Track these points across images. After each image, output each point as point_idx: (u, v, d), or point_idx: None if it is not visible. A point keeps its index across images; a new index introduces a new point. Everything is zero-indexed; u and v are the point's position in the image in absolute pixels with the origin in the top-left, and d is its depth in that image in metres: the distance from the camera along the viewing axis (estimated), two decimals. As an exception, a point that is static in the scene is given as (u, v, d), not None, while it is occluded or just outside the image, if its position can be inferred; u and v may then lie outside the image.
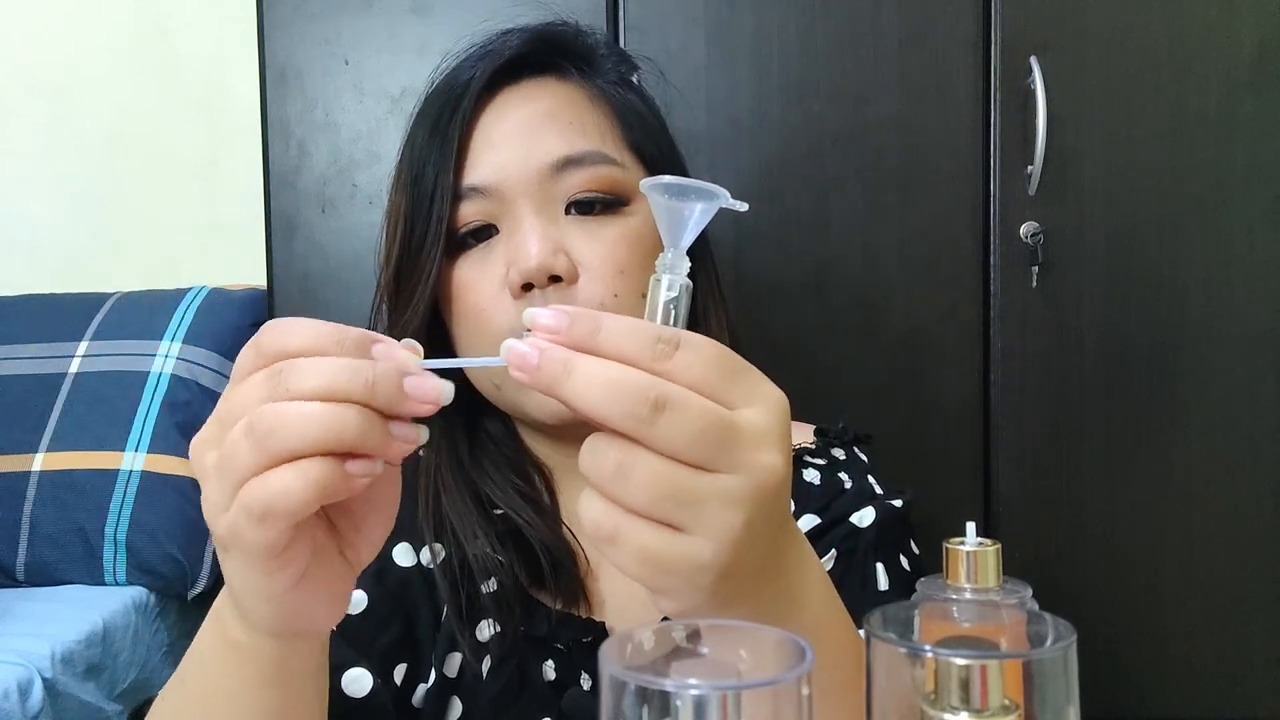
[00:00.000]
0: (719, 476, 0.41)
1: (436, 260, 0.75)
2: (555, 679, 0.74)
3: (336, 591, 0.50)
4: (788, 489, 0.46)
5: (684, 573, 0.42)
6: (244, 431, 0.43)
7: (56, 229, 1.74)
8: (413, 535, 0.77)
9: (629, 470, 0.41)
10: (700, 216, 0.48)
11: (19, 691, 1.04)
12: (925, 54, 1.20)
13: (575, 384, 0.41)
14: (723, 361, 0.43)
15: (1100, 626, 1.21)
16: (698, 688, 0.32)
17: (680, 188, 0.47)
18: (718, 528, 0.41)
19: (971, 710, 0.34)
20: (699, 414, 0.41)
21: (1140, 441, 1.21)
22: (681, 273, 0.48)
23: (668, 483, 0.41)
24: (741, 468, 0.42)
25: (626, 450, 0.41)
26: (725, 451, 0.41)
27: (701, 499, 0.41)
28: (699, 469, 0.41)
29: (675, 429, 0.40)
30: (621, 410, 0.40)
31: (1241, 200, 1.19)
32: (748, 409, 0.43)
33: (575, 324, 0.41)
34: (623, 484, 0.41)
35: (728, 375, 0.43)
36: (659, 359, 0.41)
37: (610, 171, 0.76)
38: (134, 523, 1.34)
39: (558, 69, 0.80)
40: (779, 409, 0.44)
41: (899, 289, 1.22)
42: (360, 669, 0.71)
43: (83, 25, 1.72)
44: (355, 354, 0.43)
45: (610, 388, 0.40)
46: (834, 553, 0.76)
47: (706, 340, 0.43)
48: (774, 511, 0.44)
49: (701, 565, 0.41)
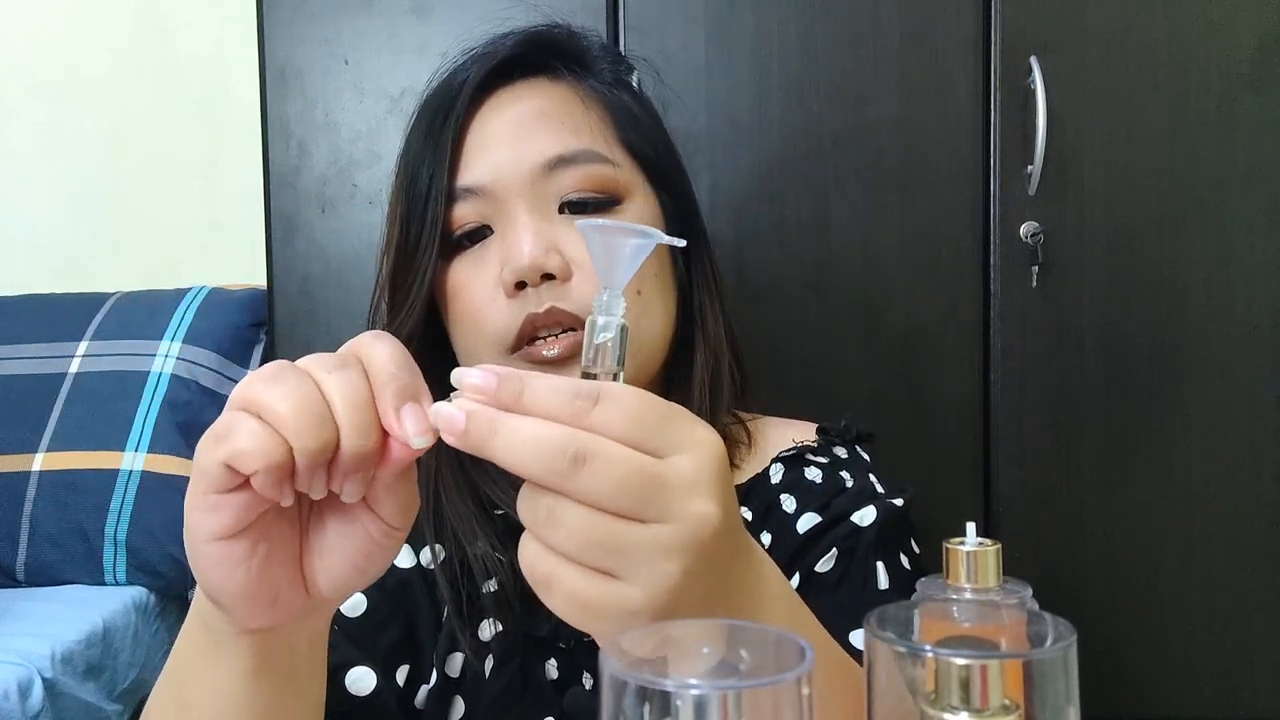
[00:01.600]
0: (650, 526, 0.42)
1: (432, 261, 0.76)
2: (557, 678, 0.74)
3: (287, 577, 0.50)
4: (732, 528, 0.45)
5: (616, 617, 0.42)
6: (241, 397, 0.45)
7: (56, 229, 1.74)
8: (412, 537, 0.77)
9: (558, 518, 0.42)
10: (634, 254, 0.48)
11: (19, 691, 1.04)
12: (925, 54, 1.20)
13: (500, 443, 0.42)
14: (645, 411, 0.43)
15: (1100, 626, 1.21)
16: (698, 688, 0.32)
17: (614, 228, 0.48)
18: (650, 576, 0.42)
19: (971, 710, 0.34)
20: (620, 464, 0.41)
21: (1140, 441, 1.21)
22: (617, 314, 0.48)
23: (596, 531, 0.41)
24: (672, 517, 0.42)
25: (554, 498, 0.42)
26: (652, 500, 0.42)
27: (631, 548, 0.42)
28: (629, 519, 0.42)
29: (596, 481, 0.41)
30: (543, 467, 0.41)
31: (1241, 200, 1.19)
32: (678, 456, 0.43)
33: (502, 385, 0.42)
34: (553, 531, 0.42)
35: (652, 425, 0.43)
36: (579, 415, 0.42)
37: (603, 170, 0.76)
38: (134, 523, 1.34)
39: (551, 70, 0.81)
40: (710, 453, 0.44)
41: (899, 289, 1.22)
42: (364, 668, 0.71)
43: (83, 25, 1.72)
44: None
45: (532, 444, 0.41)
46: (834, 551, 0.76)
47: (629, 391, 0.43)
48: (718, 554, 0.44)
49: (633, 611, 0.42)
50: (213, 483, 0.45)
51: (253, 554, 0.47)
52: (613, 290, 0.49)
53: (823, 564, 0.75)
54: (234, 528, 0.46)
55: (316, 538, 0.50)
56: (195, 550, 0.47)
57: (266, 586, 0.48)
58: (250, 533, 0.47)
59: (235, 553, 0.47)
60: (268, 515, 0.47)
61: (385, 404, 0.45)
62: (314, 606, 0.51)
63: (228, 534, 0.46)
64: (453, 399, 0.44)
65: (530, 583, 0.44)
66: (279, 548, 0.49)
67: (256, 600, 0.48)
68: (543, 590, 0.43)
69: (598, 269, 0.49)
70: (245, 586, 0.47)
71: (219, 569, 0.47)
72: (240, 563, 0.47)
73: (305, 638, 0.54)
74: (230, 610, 0.49)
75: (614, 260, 0.48)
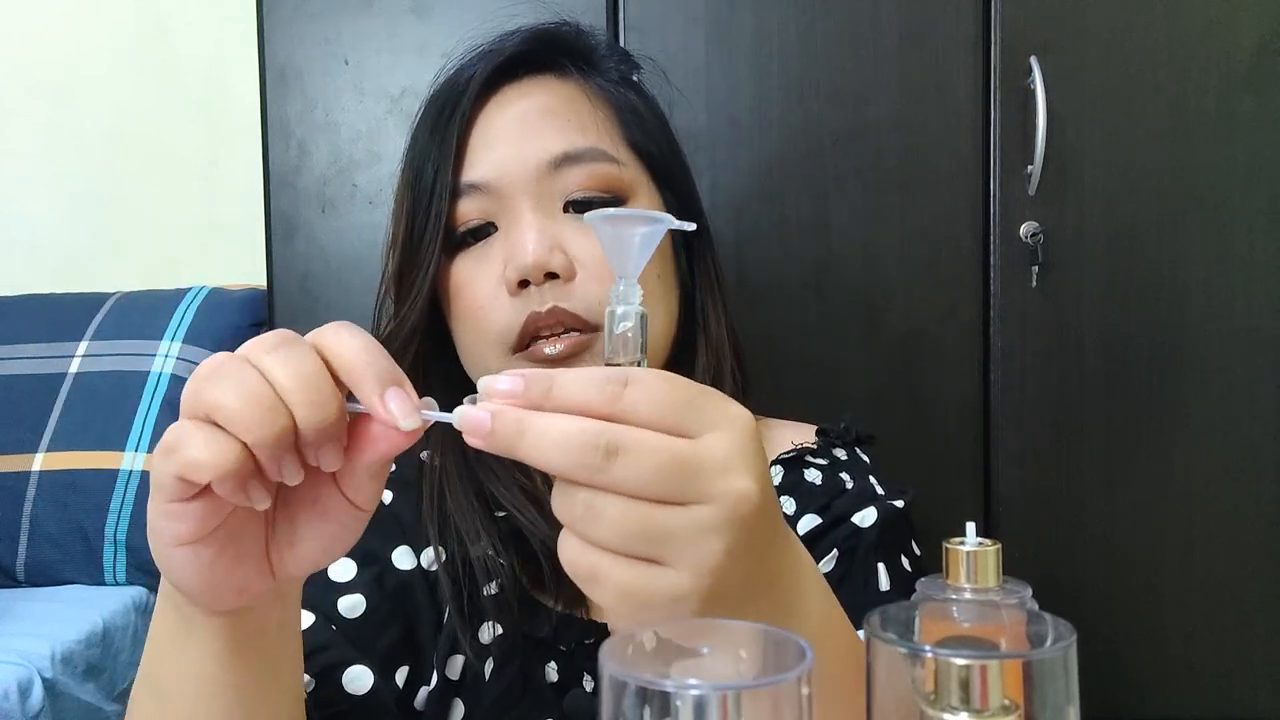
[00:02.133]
0: (689, 509, 0.42)
1: (435, 256, 0.76)
2: (558, 680, 0.74)
3: (251, 565, 0.49)
4: (770, 507, 0.45)
5: (665, 605, 0.42)
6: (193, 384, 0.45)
7: (56, 229, 1.74)
8: (414, 538, 0.77)
9: (597, 511, 0.41)
10: (644, 242, 0.48)
11: (19, 691, 1.04)
12: (925, 54, 1.20)
13: (529, 443, 0.42)
14: (674, 393, 0.43)
15: (1100, 626, 1.21)
16: (698, 688, 0.32)
17: (624, 216, 0.49)
18: (695, 559, 0.42)
19: (971, 710, 0.34)
20: (652, 452, 0.41)
21: (1140, 441, 1.21)
22: (635, 302, 0.48)
23: (636, 521, 0.41)
24: (710, 497, 0.42)
25: (592, 492, 0.41)
26: (689, 483, 0.41)
27: (673, 532, 0.41)
28: (667, 503, 0.41)
29: (631, 470, 0.41)
30: (575, 462, 0.41)
31: (1241, 200, 1.19)
32: (710, 435, 0.43)
33: (530, 386, 0.42)
34: (593, 525, 0.42)
35: (683, 406, 0.43)
36: (611, 401, 0.42)
37: (608, 169, 0.76)
38: (134, 523, 1.34)
39: (557, 67, 0.80)
40: (743, 430, 0.43)
41: (899, 289, 1.22)
42: (361, 666, 0.71)
43: (83, 25, 1.72)
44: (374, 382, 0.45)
45: (562, 442, 0.41)
46: (835, 553, 0.76)
47: (655, 374, 0.43)
48: (758, 533, 0.44)
49: (681, 596, 0.42)
50: (170, 494, 0.45)
51: (219, 555, 0.47)
52: (628, 279, 0.49)
53: (823, 565, 0.75)
54: (199, 533, 0.46)
55: (284, 527, 0.50)
56: (160, 553, 0.47)
57: (234, 579, 0.48)
58: (216, 535, 0.46)
59: (201, 555, 0.46)
60: (235, 514, 0.47)
61: (368, 389, 0.44)
62: (280, 589, 0.51)
63: (192, 539, 0.46)
64: (477, 404, 0.43)
65: (575, 580, 0.43)
66: (246, 544, 0.48)
67: (223, 591, 0.48)
68: (589, 585, 0.43)
69: (610, 260, 0.49)
70: (211, 582, 0.47)
71: (184, 569, 0.47)
72: (206, 564, 0.47)
73: (274, 618, 0.54)
74: (196, 600, 0.49)
75: (625, 250, 0.48)
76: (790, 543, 0.49)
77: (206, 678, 0.52)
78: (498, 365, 0.76)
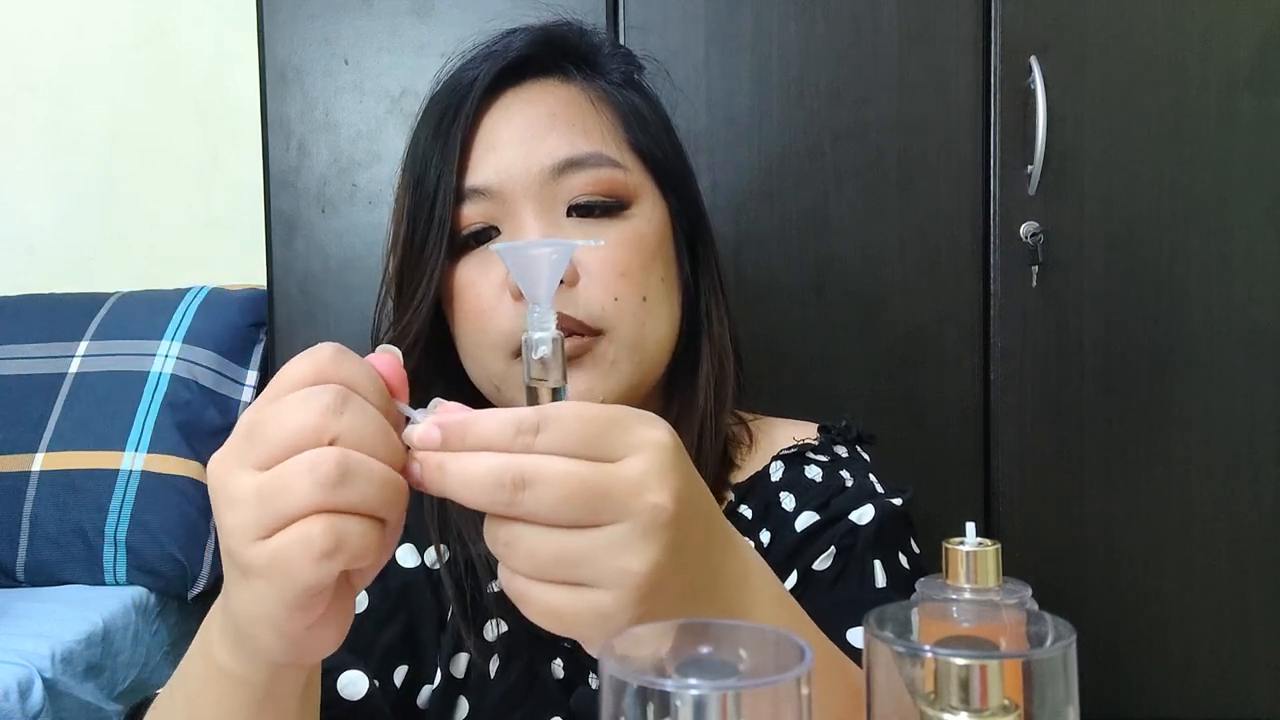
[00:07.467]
0: (603, 529, 0.43)
1: (438, 261, 0.76)
2: (563, 677, 0.74)
3: (343, 623, 0.49)
4: (695, 518, 0.46)
5: (592, 624, 0.43)
6: (307, 468, 0.42)
7: (56, 229, 1.74)
8: (416, 536, 0.77)
9: (514, 543, 0.43)
10: (553, 266, 0.49)
11: (19, 691, 1.04)
12: (925, 54, 1.20)
13: (450, 483, 0.44)
14: (588, 424, 0.44)
15: (1100, 626, 1.21)
16: (698, 688, 0.32)
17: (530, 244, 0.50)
18: (615, 578, 0.43)
19: (971, 710, 0.34)
20: (559, 479, 0.42)
21: (1140, 441, 1.21)
22: (549, 327, 0.49)
23: (551, 549, 0.43)
24: (623, 515, 0.43)
25: (508, 526, 0.43)
26: (601, 505, 0.42)
27: (589, 555, 0.43)
28: (582, 528, 0.43)
29: (540, 500, 0.42)
30: (487, 497, 0.43)
31: (1241, 200, 1.19)
32: (629, 458, 0.44)
33: (447, 433, 0.44)
34: (512, 555, 0.44)
35: (598, 435, 0.44)
36: (525, 449, 0.43)
37: (612, 174, 0.76)
38: (134, 523, 1.34)
39: (561, 70, 0.80)
40: (658, 449, 0.44)
41: (899, 289, 1.22)
42: (356, 671, 0.70)
43: (83, 25, 1.72)
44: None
45: (475, 479, 0.43)
46: (832, 549, 0.76)
47: (569, 409, 0.44)
48: (685, 542, 0.44)
49: (607, 614, 0.43)
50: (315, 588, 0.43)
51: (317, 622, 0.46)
52: (541, 305, 0.49)
53: (820, 562, 0.75)
54: (323, 608, 0.45)
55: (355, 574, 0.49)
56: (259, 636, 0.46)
57: (328, 639, 0.48)
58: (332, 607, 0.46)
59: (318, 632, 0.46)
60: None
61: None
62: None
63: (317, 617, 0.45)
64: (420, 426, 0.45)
65: (514, 602, 0.45)
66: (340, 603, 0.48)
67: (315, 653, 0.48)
68: (521, 607, 0.45)
69: (521, 286, 0.50)
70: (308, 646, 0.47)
71: (280, 642, 0.46)
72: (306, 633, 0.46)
73: (314, 667, 0.54)
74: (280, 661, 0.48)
75: (535, 275, 0.49)
76: (734, 548, 0.50)
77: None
78: (500, 369, 0.76)
